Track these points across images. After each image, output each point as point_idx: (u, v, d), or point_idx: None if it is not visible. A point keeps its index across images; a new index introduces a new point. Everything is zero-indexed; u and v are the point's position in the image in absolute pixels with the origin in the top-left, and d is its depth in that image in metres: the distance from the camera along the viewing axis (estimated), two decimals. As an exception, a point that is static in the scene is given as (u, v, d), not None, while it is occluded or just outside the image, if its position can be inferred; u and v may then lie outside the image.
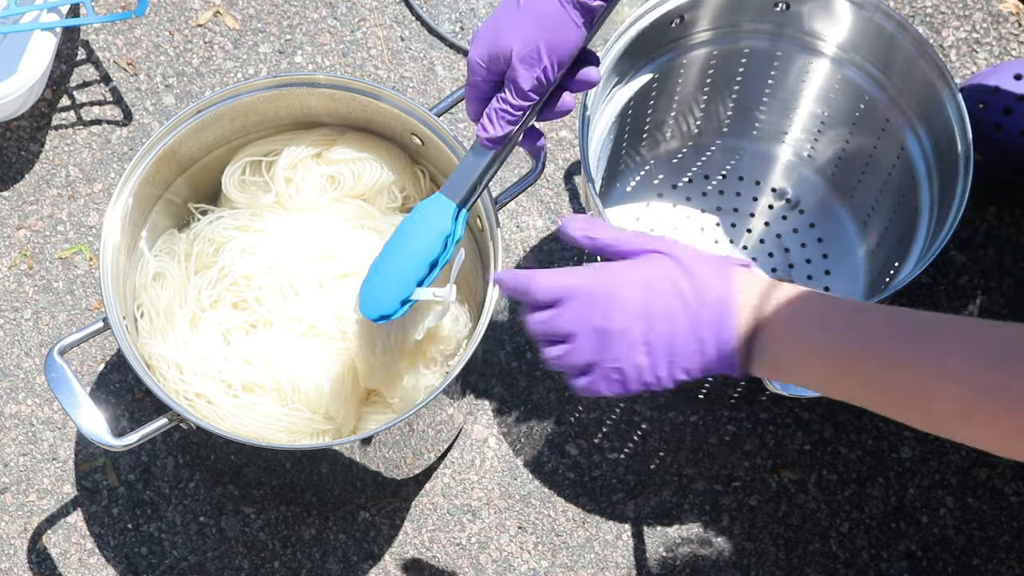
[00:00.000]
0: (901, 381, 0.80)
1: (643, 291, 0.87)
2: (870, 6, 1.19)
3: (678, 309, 0.86)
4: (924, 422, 0.81)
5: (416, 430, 1.13)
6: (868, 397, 0.83)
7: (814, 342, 0.84)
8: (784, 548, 1.24)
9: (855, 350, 0.82)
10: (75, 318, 1.31)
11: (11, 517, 1.24)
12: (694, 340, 0.87)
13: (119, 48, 1.42)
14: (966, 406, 0.79)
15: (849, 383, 0.83)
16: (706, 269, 0.88)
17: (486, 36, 0.97)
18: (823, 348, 0.84)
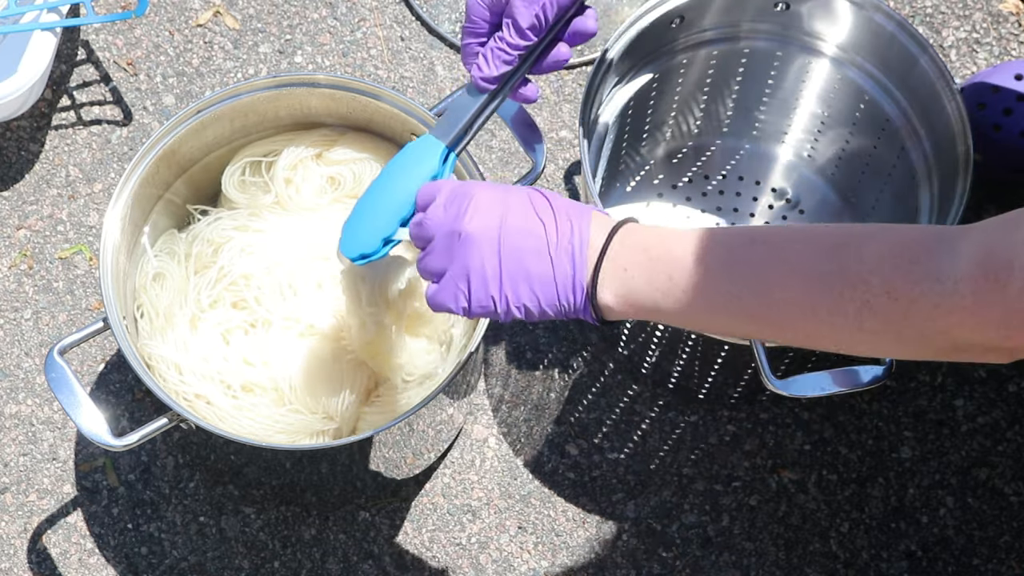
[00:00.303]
0: (745, 286, 0.83)
1: (502, 203, 0.88)
2: (870, 6, 1.19)
3: (536, 228, 0.87)
4: (776, 323, 0.84)
5: (416, 430, 1.13)
6: (720, 312, 0.85)
7: (666, 269, 0.86)
8: (784, 548, 1.24)
9: (705, 268, 0.85)
10: (75, 318, 1.31)
11: (11, 517, 1.24)
12: (547, 262, 0.87)
13: (119, 48, 1.42)
14: (807, 294, 0.82)
15: (700, 300, 0.85)
16: (566, 202, 0.89)
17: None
18: (676, 272, 0.85)
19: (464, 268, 0.88)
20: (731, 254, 0.85)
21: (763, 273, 0.84)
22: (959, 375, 1.30)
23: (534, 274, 0.87)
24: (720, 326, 0.88)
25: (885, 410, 1.29)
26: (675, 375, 1.25)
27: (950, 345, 0.81)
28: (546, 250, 0.87)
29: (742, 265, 0.84)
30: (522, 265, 0.87)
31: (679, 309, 0.86)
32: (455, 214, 0.88)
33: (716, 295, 0.85)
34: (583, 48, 1.42)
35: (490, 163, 1.37)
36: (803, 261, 0.83)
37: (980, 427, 1.28)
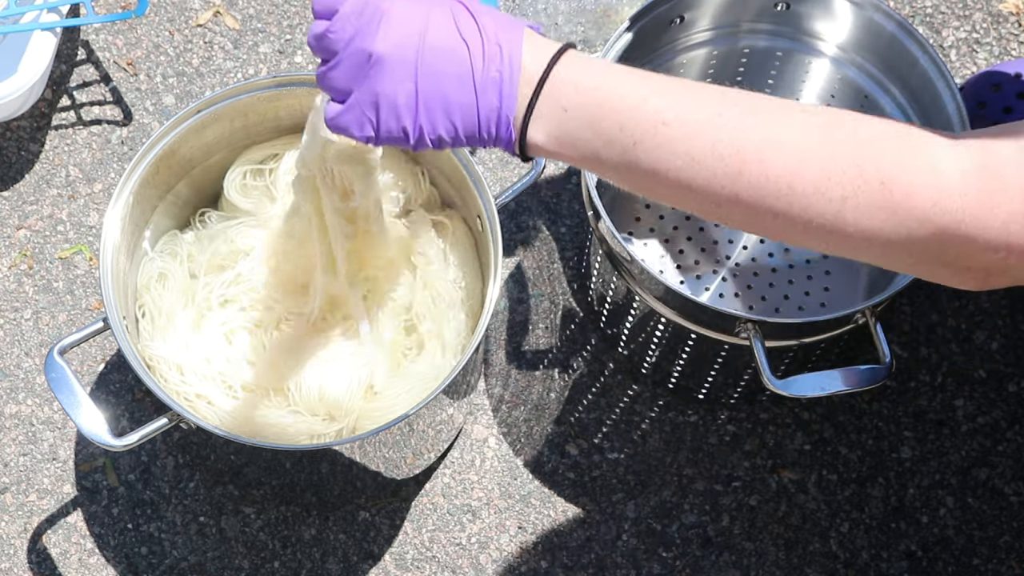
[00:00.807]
0: (716, 157, 0.77)
1: (422, 19, 0.78)
2: (870, 6, 1.19)
3: (459, 49, 0.78)
4: (741, 203, 0.78)
5: (416, 430, 1.13)
6: (673, 178, 0.78)
7: (601, 108, 0.78)
8: (784, 548, 1.24)
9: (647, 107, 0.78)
10: (75, 318, 1.31)
11: (11, 517, 1.24)
12: (470, 91, 0.78)
13: (119, 48, 1.42)
14: (788, 170, 0.76)
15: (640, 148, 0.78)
16: (496, 18, 0.80)
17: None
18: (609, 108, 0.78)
19: (373, 94, 0.79)
20: (704, 112, 0.77)
21: (741, 141, 0.76)
22: (959, 375, 1.30)
23: (454, 103, 0.78)
24: (667, 194, 0.80)
25: (885, 410, 1.29)
26: (675, 375, 1.25)
27: (934, 253, 0.75)
28: (469, 77, 0.78)
29: (717, 130, 0.77)
30: (440, 92, 0.78)
31: (624, 165, 0.78)
32: (364, 29, 0.78)
33: (675, 159, 0.77)
34: (584, 48, 1.42)
35: (490, 163, 1.37)
36: (790, 134, 0.76)
37: (980, 427, 1.28)
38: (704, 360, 1.19)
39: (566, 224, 1.35)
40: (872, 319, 1.09)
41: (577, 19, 1.44)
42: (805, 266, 1.31)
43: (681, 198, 0.80)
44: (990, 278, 0.76)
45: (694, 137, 0.77)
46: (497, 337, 1.31)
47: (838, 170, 0.74)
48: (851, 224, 0.75)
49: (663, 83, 0.80)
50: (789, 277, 1.30)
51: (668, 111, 0.78)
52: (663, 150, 0.78)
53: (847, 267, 1.31)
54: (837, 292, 1.29)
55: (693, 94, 0.79)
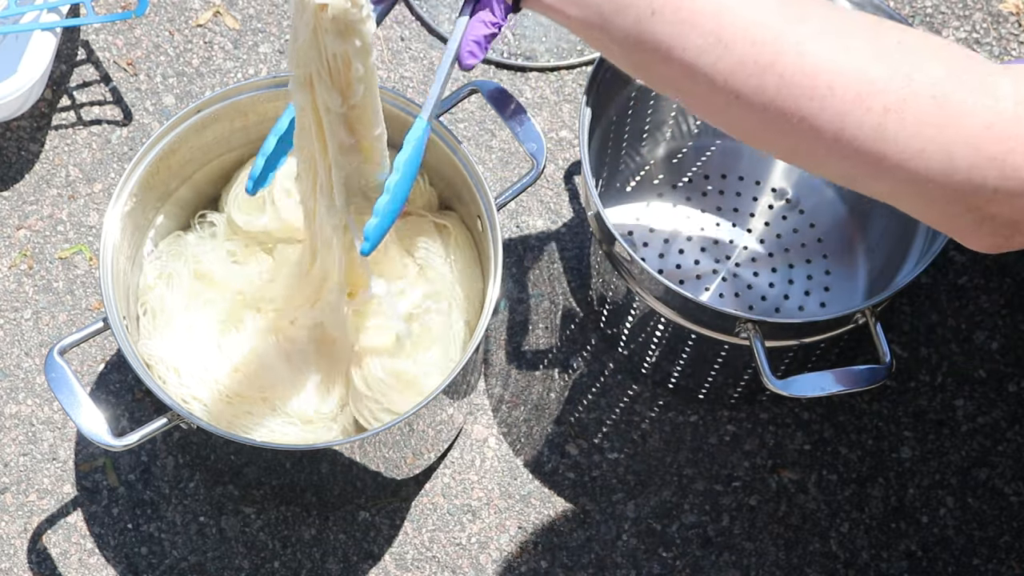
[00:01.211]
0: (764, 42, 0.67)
1: None
2: (870, 6, 1.19)
3: None
4: (772, 103, 0.68)
5: (416, 430, 1.13)
6: (691, 59, 0.69)
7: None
8: (784, 548, 1.24)
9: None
10: (75, 318, 1.31)
11: (11, 517, 1.24)
12: None
13: (119, 48, 1.42)
14: (832, 65, 0.67)
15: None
16: None
17: None
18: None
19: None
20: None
21: (780, 27, 0.67)
22: (959, 375, 1.30)
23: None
24: (674, 79, 0.70)
25: (885, 410, 1.29)
26: (675, 375, 1.25)
27: (968, 190, 0.66)
28: None
29: (754, 11, 0.67)
30: None
31: (633, 37, 0.69)
32: None
33: (696, 37, 0.68)
34: (583, 48, 1.42)
35: (490, 163, 1.37)
36: (836, 29, 0.67)
37: (980, 427, 1.28)
38: (704, 360, 1.19)
39: (566, 224, 1.35)
40: (872, 319, 1.09)
41: (577, 19, 1.44)
42: (805, 266, 1.31)
43: (691, 86, 0.70)
44: (1015, 236, 0.69)
45: (726, 14, 0.68)
46: (497, 337, 1.31)
47: (884, 77, 0.66)
48: (889, 141, 0.67)
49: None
50: (789, 277, 1.30)
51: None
52: (686, 25, 0.68)
53: (847, 267, 1.31)
54: (837, 292, 1.29)
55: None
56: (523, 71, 1.42)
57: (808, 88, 0.67)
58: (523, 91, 1.40)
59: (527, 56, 1.42)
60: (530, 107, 1.39)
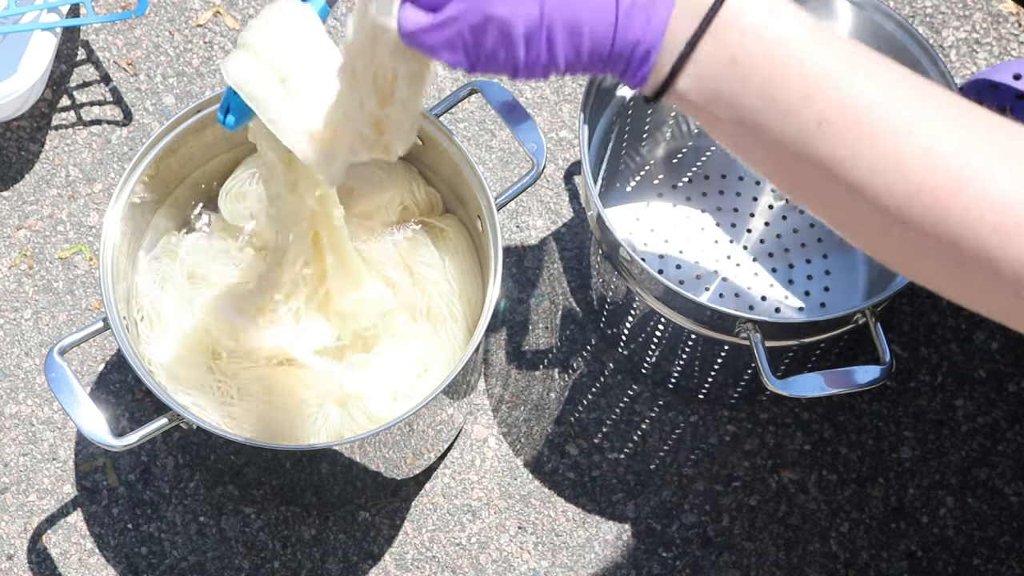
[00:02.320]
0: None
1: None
2: (870, 6, 1.19)
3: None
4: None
5: (416, 430, 1.13)
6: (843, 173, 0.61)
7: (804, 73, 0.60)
8: (784, 548, 1.24)
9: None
10: (75, 318, 1.31)
11: (11, 517, 1.24)
12: (611, 12, 0.60)
13: (119, 48, 1.42)
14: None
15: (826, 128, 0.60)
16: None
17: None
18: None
19: (481, 15, 0.61)
20: (921, 105, 0.60)
21: (967, 151, 0.60)
22: (959, 375, 1.30)
23: (585, 30, 0.61)
24: (833, 196, 0.62)
25: (885, 410, 1.29)
26: (675, 375, 1.25)
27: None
28: (609, 13, 0.60)
29: (939, 131, 0.60)
30: (572, 16, 0.60)
31: (792, 146, 0.61)
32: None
33: (872, 156, 0.60)
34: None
35: (490, 163, 1.37)
36: (1019, 154, 0.59)
37: (980, 427, 1.28)
38: (704, 360, 1.19)
39: (566, 224, 1.35)
40: (872, 319, 1.09)
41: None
42: (805, 266, 1.31)
43: (849, 206, 0.62)
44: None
45: (905, 135, 0.60)
46: (497, 337, 1.31)
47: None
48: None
49: (867, 53, 0.62)
50: (789, 277, 1.30)
51: (876, 93, 0.60)
52: (858, 142, 0.60)
53: (847, 267, 1.31)
54: (837, 292, 1.29)
55: (901, 79, 0.62)
56: (523, 71, 1.41)
57: (993, 223, 0.60)
58: (523, 91, 1.40)
59: (527, 56, 1.42)
60: (530, 107, 1.39)
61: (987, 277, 0.61)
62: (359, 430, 1.11)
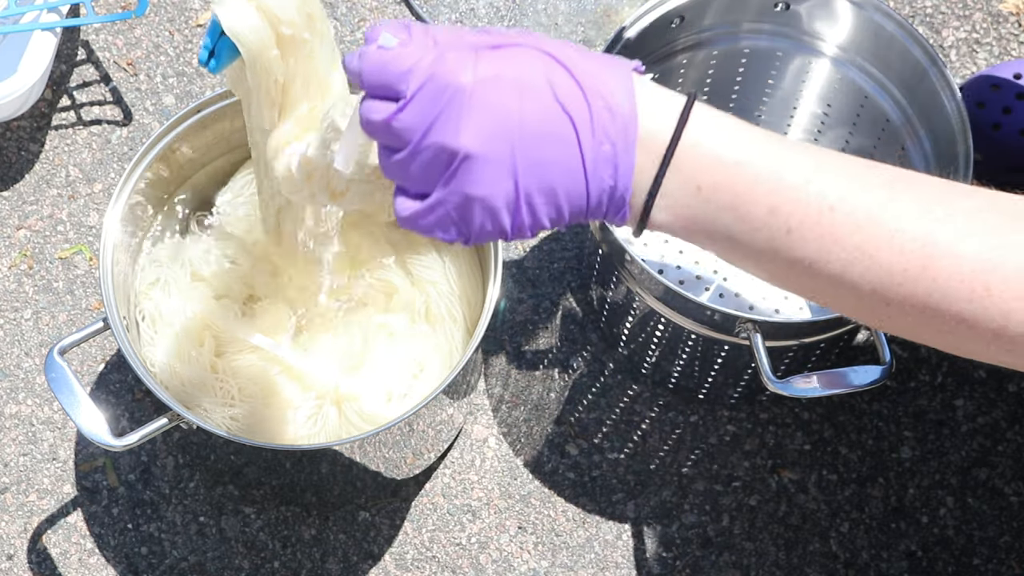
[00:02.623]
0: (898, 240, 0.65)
1: (514, 94, 0.64)
2: (870, 6, 1.19)
3: (562, 129, 0.64)
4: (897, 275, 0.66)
5: (416, 430, 1.13)
6: (836, 282, 0.66)
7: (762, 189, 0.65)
8: (784, 548, 1.24)
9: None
10: (75, 318, 1.31)
11: (11, 517, 1.24)
12: (579, 174, 0.65)
13: (119, 48, 1.42)
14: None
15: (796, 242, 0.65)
16: (594, 64, 0.65)
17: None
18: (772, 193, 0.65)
19: (462, 197, 0.65)
20: (876, 196, 0.65)
21: (927, 232, 0.64)
22: (959, 375, 1.30)
23: (560, 191, 0.65)
24: (820, 289, 0.68)
25: (885, 410, 1.29)
26: (675, 375, 1.25)
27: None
28: (578, 158, 0.64)
29: (897, 219, 0.65)
30: (545, 183, 0.65)
31: (769, 253, 0.66)
32: (443, 118, 0.63)
33: (839, 251, 0.65)
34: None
35: (490, 163, 1.37)
36: (983, 225, 0.64)
37: (980, 427, 1.28)
38: (704, 360, 1.19)
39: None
40: (872, 319, 1.09)
41: (577, 19, 1.44)
42: (805, 266, 1.30)
43: (839, 295, 0.68)
44: None
45: (867, 227, 0.65)
46: (497, 337, 1.31)
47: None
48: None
49: (818, 157, 0.68)
50: (789, 277, 1.30)
51: (833, 193, 0.65)
52: (826, 240, 0.65)
53: (847, 267, 1.30)
54: (837, 292, 1.29)
55: (856, 172, 0.67)
56: (523, 71, 1.41)
57: (965, 292, 0.65)
58: (523, 91, 1.40)
59: (527, 56, 1.42)
60: (530, 107, 1.39)
61: (974, 338, 0.66)
62: (354, 431, 1.11)
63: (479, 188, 0.65)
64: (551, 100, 0.64)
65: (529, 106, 0.64)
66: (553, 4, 1.44)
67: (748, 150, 0.66)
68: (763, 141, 0.67)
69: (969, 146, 1.14)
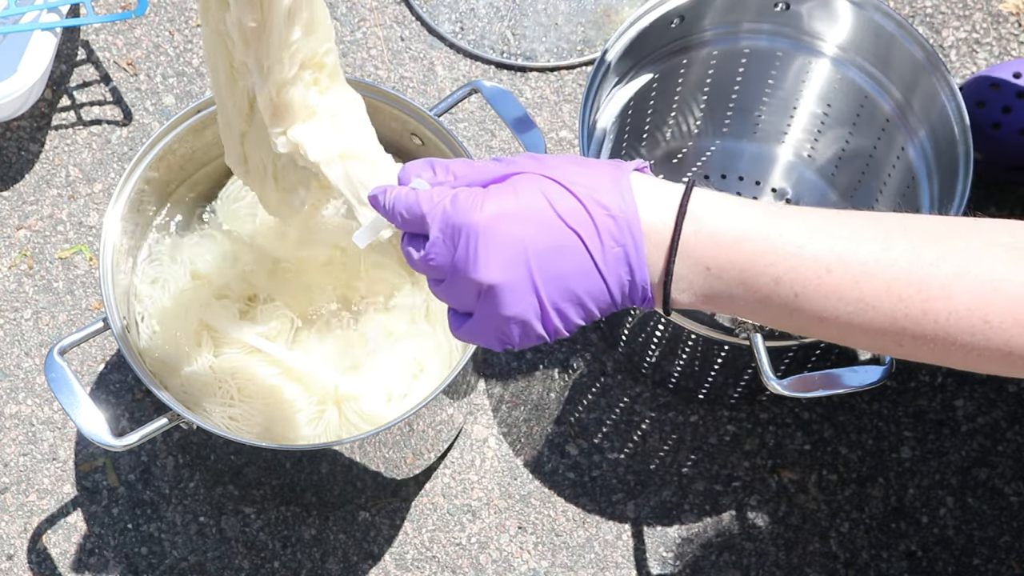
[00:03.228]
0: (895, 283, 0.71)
1: (519, 222, 0.72)
2: (870, 6, 1.19)
3: (571, 243, 0.71)
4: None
5: (416, 430, 1.13)
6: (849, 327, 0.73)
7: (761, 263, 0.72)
8: (784, 548, 1.24)
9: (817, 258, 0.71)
10: (75, 318, 1.31)
11: (11, 517, 1.24)
12: (597, 278, 0.73)
13: (119, 48, 1.42)
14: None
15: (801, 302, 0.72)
16: (589, 178, 0.73)
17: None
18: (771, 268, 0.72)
19: (498, 318, 0.74)
20: (868, 250, 0.71)
21: (920, 278, 0.70)
22: (959, 375, 1.30)
23: (584, 294, 0.73)
24: (838, 336, 0.74)
25: (885, 410, 1.29)
26: (675, 375, 1.25)
27: None
28: (591, 265, 0.72)
29: (890, 268, 0.71)
30: (567, 291, 0.73)
31: (784, 314, 0.73)
32: (462, 257, 0.73)
33: (844, 305, 0.71)
34: (583, 48, 1.42)
35: (490, 163, 1.37)
36: (974, 263, 0.70)
37: (980, 427, 1.28)
38: (704, 360, 1.19)
39: (566, 224, 1.35)
40: (872, 319, 1.09)
41: (577, 19, 1.44)
42: (805, 266, 1.30)
43: (855, 339, 0.74)
44: None
45: (864, 281, 0.71)
46: (497, 337, 1.31)
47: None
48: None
49: (811, 221, 0.73)
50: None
51: (829, 255, 0.71)
52: (830, 298, 0.72)
53: (847, 267, 1.30)
54: (837, 292, 1.28)
55: (850, 229, 0.72)
56: (523, 71, 1.42)
57: (967, 327, 0.71)
58: (523, 91, 1.40)
59: (527, 56, 1.42)
60: (530, 107, 1.39)
61: (985, 362, 0.72)
62: (354, 431, 1.11)
63: (508, 309, 0.73)
64: (554, 219, 0.72)
65: (535, 230, 0.72)
66: (553, 4, 1.44)
67: (745, 227, 0.72)
68: (759, 215, 0.72)
69: (969, 146, 1.14)
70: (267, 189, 1.00)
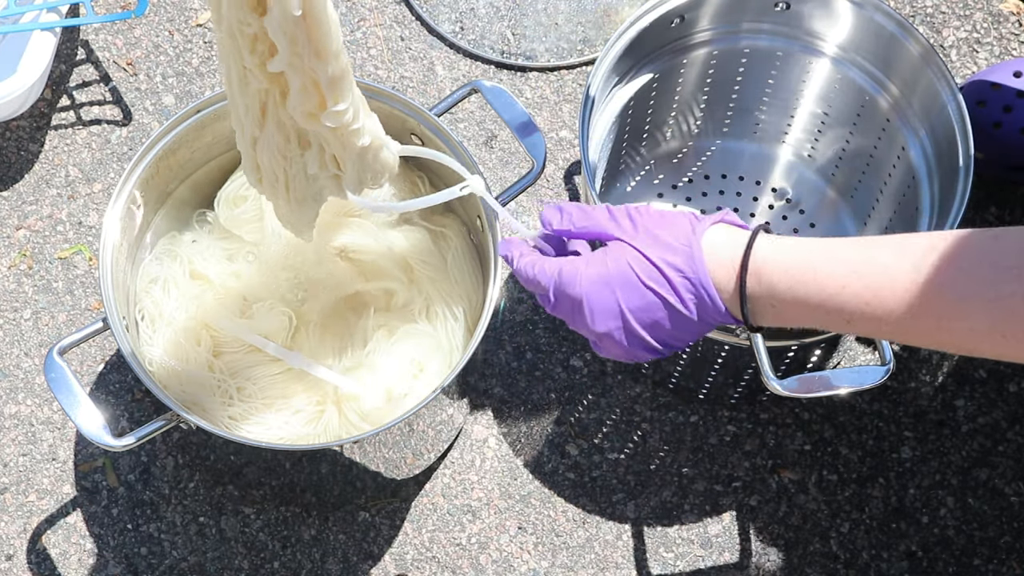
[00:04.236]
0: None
1: (611, 291, 0.90)
2: (870, 6, 1.19)
3: (655, 302, 0.90)
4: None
5: (416, 430, 1.13)
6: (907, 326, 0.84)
7: (813, 295, 0.86)
8: (784, 548, 1.24)
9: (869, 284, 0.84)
10: (75, 318, 1.31)
11: (11, 517, 1.24)
12: (685, 320, 0.90)
13: (119, 48, 1.42)
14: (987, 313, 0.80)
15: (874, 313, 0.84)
16: (664, 245, 0.90)
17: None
18: (826, 297, 0.86)
19: (623, 352, 0.93)
20: (902, 275, 0.83)
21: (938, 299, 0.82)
22: (959, 375, 1.30)
23: (677, 334, 0.91)
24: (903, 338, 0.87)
25: (885, 410, 1.28)
26: (675, 375, 1.25)
27: None
28: (678, 313, 0.89)
29: (922, 296, 0.83)
30: (663, 330, 0.90)
31: (849, 329, 0.87)
32: (576, 319, 0.92)
33: (885, 328, 0.84)
34: (583, 48, 1.42)
35: (490, 163, 1.37)
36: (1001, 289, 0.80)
37: (980, 427, 1.28)
38: (704, 360, 1.19)
39: (566, 224, 1.35)
40: (872, 319, 1.09)
41: (577, 19, 1.44)
42: (805, 266, 1.30)
43: (905, 342, 0.87)
44: None
45: (897, 310, 0.83)
46: (497, 337, 1.31)
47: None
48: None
49: (848, 256, 0.86)
50: (789, 277, 1.29)
51: (865, 292, 0.84)
52: (872, 324, 0.85)
53: (847, 267, 1.30)
54: (837, 292, 1.28)
55: (881, 265, 0.84)
56: (523, 71, 1.42)
57: (988, 344, 0.81)
58: (523, 91, 1.40)
59: (527, 56, 1.42)
60: (530, 107, 1.39)
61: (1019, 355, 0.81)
62: (354, 431, 1.11)
63: (623, 350, 0.93)
64: (638, 283, 0.89)
65: (625, 292, 0.90)
66: (553, 4, 1.44)
67: (794, 276, 0.86)
68: (806, 262, 0.86)
69: (970, 146, 1.14)
70: (279, 199, 1.00)
